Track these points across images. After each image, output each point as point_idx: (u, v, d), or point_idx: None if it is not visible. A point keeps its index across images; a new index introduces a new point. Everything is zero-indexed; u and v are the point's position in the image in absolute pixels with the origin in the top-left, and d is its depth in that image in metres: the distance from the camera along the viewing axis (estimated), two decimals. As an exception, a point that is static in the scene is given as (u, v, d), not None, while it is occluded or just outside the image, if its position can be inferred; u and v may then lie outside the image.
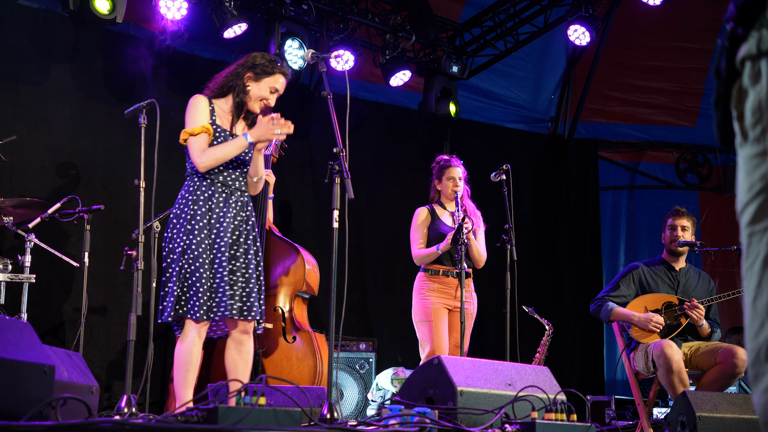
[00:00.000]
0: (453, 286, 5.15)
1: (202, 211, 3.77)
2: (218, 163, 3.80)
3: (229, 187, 3.86)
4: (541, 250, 8.26)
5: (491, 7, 7.41)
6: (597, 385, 8.08)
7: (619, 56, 8.20)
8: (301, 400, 3.36)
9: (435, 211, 5.35)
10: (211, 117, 3.87)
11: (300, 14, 6.30)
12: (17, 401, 2.60)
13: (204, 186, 3.82)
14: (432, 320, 5.11)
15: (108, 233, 5.87)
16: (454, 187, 5.27)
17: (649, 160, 8.77)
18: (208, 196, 3.80)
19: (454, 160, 5.36)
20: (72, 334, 5.55)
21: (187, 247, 3.72)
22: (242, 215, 3.88)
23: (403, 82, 7.15)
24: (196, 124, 3.82)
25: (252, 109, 3.95)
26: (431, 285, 5.18)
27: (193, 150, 3.80)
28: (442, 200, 5.40)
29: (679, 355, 4.80)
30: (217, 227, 3.79)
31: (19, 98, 5.81)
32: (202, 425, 2.52)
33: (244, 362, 3.86)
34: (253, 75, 3.92)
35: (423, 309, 5.16)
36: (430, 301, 5.14)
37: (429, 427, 2.99)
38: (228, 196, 3.84)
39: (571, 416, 3.29)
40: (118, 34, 6.11)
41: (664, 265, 5.31)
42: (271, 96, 3.94)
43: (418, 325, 5.21)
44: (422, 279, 5.25)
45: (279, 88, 3.95)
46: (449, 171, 5.32)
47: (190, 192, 3.81)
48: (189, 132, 3.81)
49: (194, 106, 3.88)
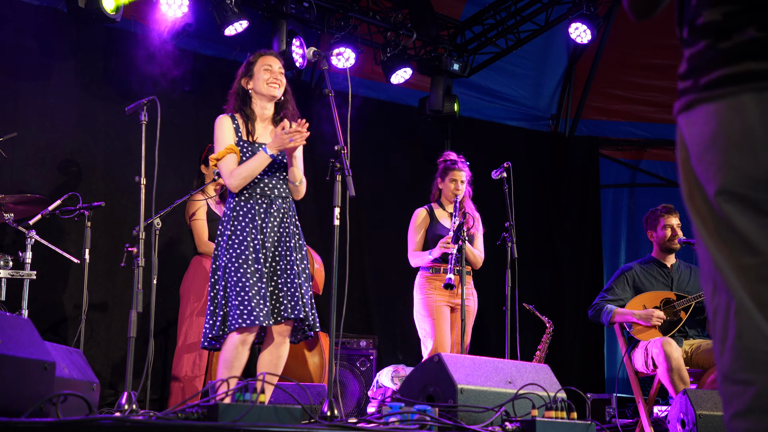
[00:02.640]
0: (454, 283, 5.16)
1: (242, 225, 3.78)
2: (248, 180, 3.81)
3: (268, 196, 3.85)
4: (541, 248, 8.25)
5: (492, 5, 7.40)
6: (597, 383, 8.07)
7: (620, 54, 8.19)
8: (302, 398, 3.36)
9: (434, 213, 5.35)
10: (236, 134, 3.88)
11: (301, 12, 6.30)
12: (18, 398, 2.61)
13: (243, 200, 3.83)
14: (435, 317, 5.11)
15: (109, 230, 5.87)
16: (455, 189, 5.28)
17: (650, 158, 8.76)
18: (248, 210, 3.81)
19: (460, 163, 5.35)
20: (73, 331, 5.55)
21: (228, 262, 3.73)
22: (285, 222, 3.87)
23: (404, 80, 7.14)
24: (220, 146, 3.85)
25: (268, 94, 3.92)
26: (433, 282, 5.19)
27: (224, 173, 3.84)
28: (442, 200, 5.41)
29: (679, 353, 4.81)
30: (260, 238, 3.78)
31: (20, 95, 5.81)
32: (203, 422, 2.53)
33: (274, 365, 3.86)
34: (247, 76, 3.94)
35: (426, 306, 5.17)
36: (433, 299, 5.15)
37: (429, 424, 3.00)
38: (269, 206, 3.84)
39: (572, 414, 3.29)
40: (119, 32, 6.11)
41: (656, 263, 5.31)
42: (272, 75, 3.92)
43: (421, 323, 5.21)
44: (424, 276, 5.25)
45: (272, 64, 3.94)
46: (453, 173, 5.31)
47: (230, 209, 3.84)
48: (215, 158, 3.86)
49: (218, 128, 3.91)
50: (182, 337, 5.23)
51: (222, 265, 3.75)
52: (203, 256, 5.29)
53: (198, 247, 5.31)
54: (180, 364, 5.21)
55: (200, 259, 5.31)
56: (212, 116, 3.95)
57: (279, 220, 3.85)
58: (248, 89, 3.94)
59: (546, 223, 8.38)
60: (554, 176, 8.49)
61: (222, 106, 4.02)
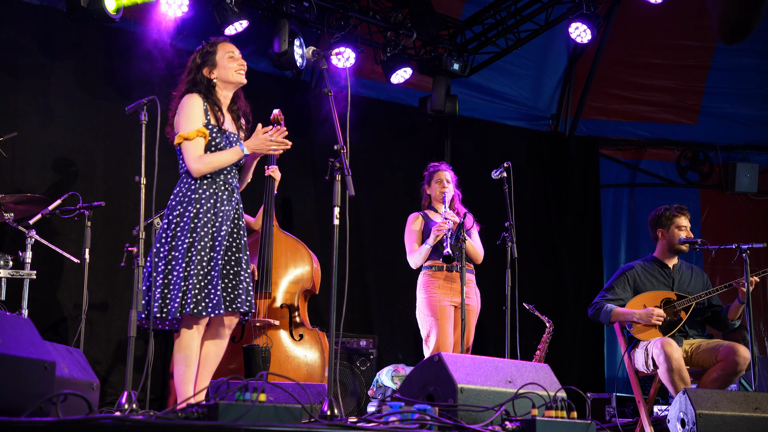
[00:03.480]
0: (457, 280, 5.17)
1: (205, 209, 3.80)
2: (212, 170, 3.85)
3: (230, 185, 3.89)
4: (541, 247, 8.26)
5: (492, 5, 7.40)
6: (597, 382, 8.08)
7: (620, 54, 8.20)
8: (302, 397, 3.36)
9: (427, 215, 5.42)
10: (205, 116, 3.89)
11: (301, 11, 6.30)
12: (18, 397, 2.61)
13: (205, 184, 3.85)
14: (438, 317, 5.12)
15: (109, 230, 5.88)
16: (441, 189, 5.38)
17: (650, 157, 8.76)
18: (210, 194, 3.83)
19: (443, 165, 5.51)
20: (73, 331, 5.56)
21: (191, 246, 3.75)
22: (238, 212, 3.96)
23: (404, 80, 7.15)
24: (191, 126, 3.84)
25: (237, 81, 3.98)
26: (437, 282, 5.20)
27: (189, 155, 3.84)
28: (433, 204, 5.48)
29: (679, 353, 4.80)
30: (218, 225, 3.82)
31: (20, 94, 5.81)
32: (203, 422, 2.53)
33: (217, 357, 3.90)
34: (208, 65, 3.96)
35: (428, 306, 5.18)
36: (437, 298, 5.16)
37: (429, 424, 2.99)
38: (230, 194, 3.89)
39: (572, 413, 3.29)
40: (119, 31, 6.11)
41: (657, 263, 5.31)
42: (238, 62, 3.97)
43: (423, 322, 5.22)
44: (427, 275, 5.26)
45: (234, 51, 3.99)
46: (437, 174, 5.45)
47: (192, 190, 3.84)
48: (184, 136, 3.84)
49: (188, 107, 3.90)
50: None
51: (182, 248, 3.76)
52: None
53: None
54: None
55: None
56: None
57: (234, 211, 3.91)
58: (212, 78, 3.97)
59: (546, 223, 8.38)
60: (554, 176, 8.49)
61: None
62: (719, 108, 8.51)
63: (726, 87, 8.36)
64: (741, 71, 8.28)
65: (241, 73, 4.00)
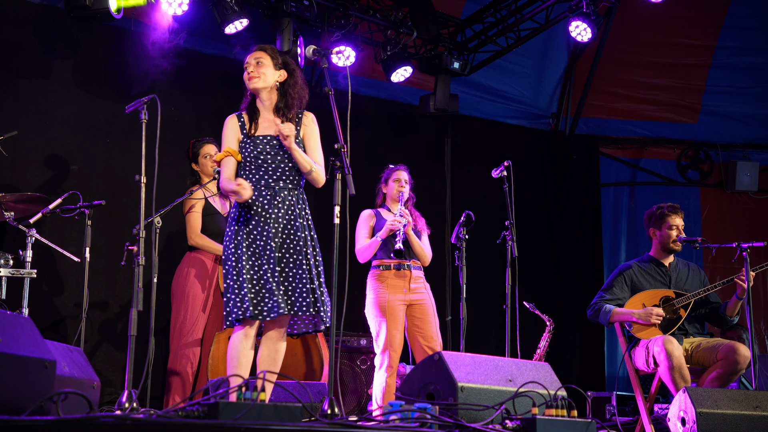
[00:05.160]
0: (406, 278, 5.20)
1: (247, 218, 3.83)
2: None
3: (272, 188, 3.87)
4: (542, 246, 8.26)
5: (492, 3, 7.40)
6: (598, 381, 8.08)
7: (620, 52, 8.19)
8: (302, 396, 3.36)
9: (380, 213, 5.44)
10: (241, 132, 3.95)
11: (301, 10, 6.29)
12: (18, 396, 2.61)
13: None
14: (386, 317, 5.10)
15: (109, 229, 5.87)
16: (399, 187, 5.39)
17: (650, 156, 8.77)
18: (252, 202, 3.84)
19: (401, 166, 5.53)
20: (73, 330, 5.56)
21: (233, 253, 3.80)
22: (292, 214, 3.90)
23: (404, 78, 7.15)
24: (222, 147, 3.96)
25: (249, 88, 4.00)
26: (385, 280, 5.18)
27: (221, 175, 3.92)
28: (387, 204, 5.48)
29: (680, 351, 4.80)
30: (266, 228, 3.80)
31: (20, 93, 5.81)
32: (203, 420, 2.53)
33: (273, 361, 3.87)
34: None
35: (376, 305, 5.16)
36: (385, 298, 5.15)
37: (430, 422, 3.00)
38: (272, 197, 3.86)
39: (572, 412, 3.29)
40: (119, 30, 6.11)
41: (654, 262, 5.31)
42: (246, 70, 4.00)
43: (371, 321, 5.20)
44: (375, 274, 5.26)
45: (249, 60, 4.02)
46: (397, 173, 5.47)
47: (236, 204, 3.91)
48: (216, 160, 3.96)
49: (223, 128, 4.00)
50: (176, 332, 5.23)
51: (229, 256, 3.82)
52: (194, 251, 5.28)
53: (189, 239, 5.28)
54: (176, 359, 5.21)
55: (191, 256, 5.30)
56: (213, 114, 3.98)
57: (284, 212, 3.86)
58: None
59: (546, 222, 8.38)
60: (554, 175, 8.49)
61: (220, 104, 4.05)
62: (720, 106, 8.51)
63: (726, 85, 8.36)
64: (741, 70, 8.28)
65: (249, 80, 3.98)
